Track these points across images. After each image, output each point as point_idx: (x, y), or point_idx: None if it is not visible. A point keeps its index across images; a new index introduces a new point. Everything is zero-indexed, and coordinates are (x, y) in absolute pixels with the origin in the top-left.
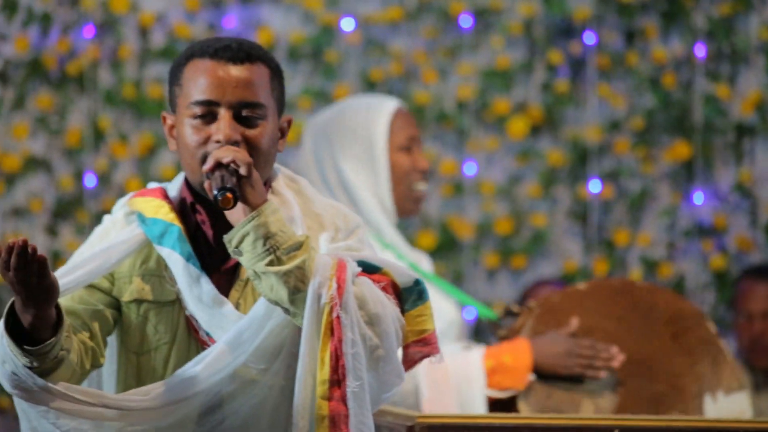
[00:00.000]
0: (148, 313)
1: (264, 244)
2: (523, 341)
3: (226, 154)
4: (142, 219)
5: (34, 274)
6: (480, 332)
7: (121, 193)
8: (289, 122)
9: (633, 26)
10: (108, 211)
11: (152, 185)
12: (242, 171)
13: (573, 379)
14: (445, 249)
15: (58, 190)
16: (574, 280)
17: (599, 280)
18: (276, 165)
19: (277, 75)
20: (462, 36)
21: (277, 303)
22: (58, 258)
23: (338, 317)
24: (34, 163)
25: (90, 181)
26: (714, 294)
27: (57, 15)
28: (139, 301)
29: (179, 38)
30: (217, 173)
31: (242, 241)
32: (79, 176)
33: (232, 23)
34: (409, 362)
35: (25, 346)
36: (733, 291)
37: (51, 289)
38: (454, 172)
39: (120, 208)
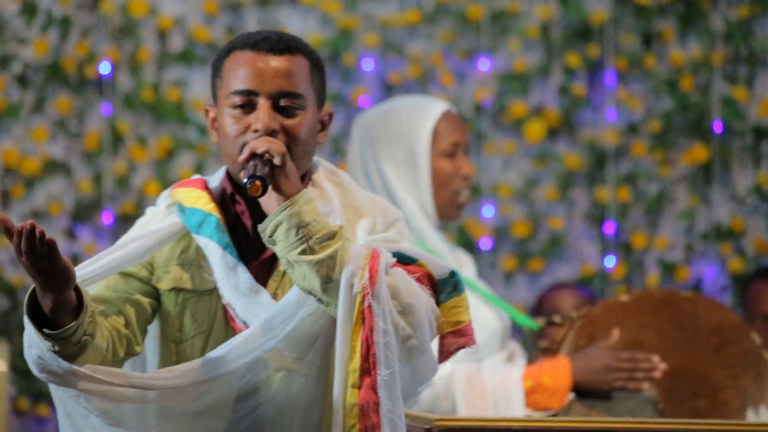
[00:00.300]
0: (186, 301)
1: (297, 233)
2: (562, 360)
3: (261, 145)
4: (181, 209)
5: (44, 257)
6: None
7: (140, 197)
8: (330, 115)
9: (650, 29)
10: (126, 215)
11: (194, 176)
12: (276, 161)
13: (615, 395)
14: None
15: (77, 193)
16: (591, 283)
17: (642, 291)
18: (316, 158)
19: (317, 67)
20: (479, 39)
21: (309, 292)
22: (77, 260)
23: (369, 306)
24: (53, 167)
25: (108, 184)
26: (732, 297)
27: (76, 19)
28: (177, 290)
29: (198, 42)
30: (251, 163)
31: (276, 230)
32: (97, 179)
33: (250, 26)
34: (445, 353)
35: (46, 330)
36: (744, 293)
37: (64, 273)
38: (472, 174)
39: (163, 199)
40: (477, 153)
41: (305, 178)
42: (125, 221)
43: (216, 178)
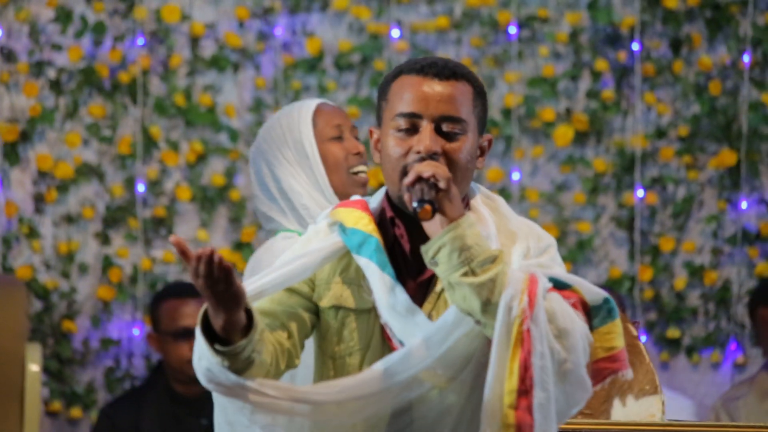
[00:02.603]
0: (345, 319)
1: (459, 256)
2: None
3: (427, 169)
4: (342, 228)
5: (221, 281)
6: None
7: (172, 201)
8: (490, 141)
9: (679, 34)
10: (159, 218)
11: (355, 197)
12: (441, 185)
13: None
14: None
15: (110, 198)
16: (618, 287)
17: None
18: (474, 183)
19: (480, 95)
20: (509, 45)
21: (468, 313)
22: (110, 264)
23: (528, 330)
24: (87, 171)
25: (141, 188)
26: (748, 303)
27: (110, 25)
28: (337, 308)
29: (229, 47)
30: (417, 186)
31: (439, 251)
32: (130, 184)
33: (280, 32)
34: (597, 378)
35: (217, 346)
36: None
37: (237, 296)
38: (500, 179)
39: (323, 218)
40: (506, 157)
41: (464, 202)
42: (157, 225)
43: (376, 199)
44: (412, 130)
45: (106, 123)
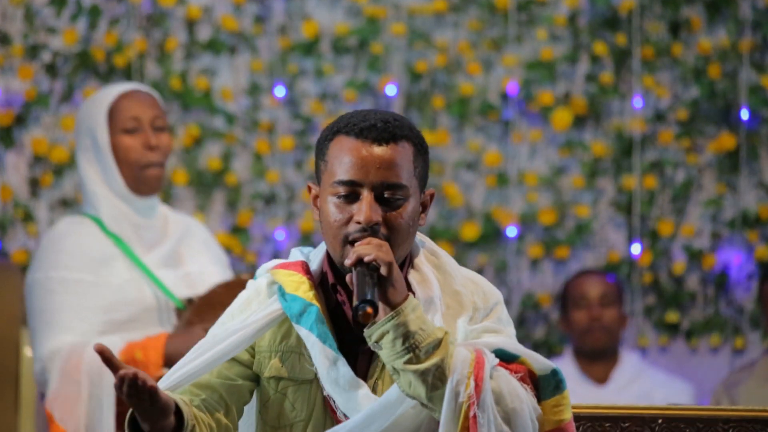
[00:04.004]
0: (286, 389)
1: (403, 343)
2: (161, 337)
3: (368, 252)
4: (282, 293)
5: (145, 400)
6: None
7: (168, 185)
8: (432, 196)
9: (678, 17)
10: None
11: (294, 253)
12: (382, 271)
13: None
14: (489, 240)
15: None
16: (617, 270)
17: None
18: (419, 238)
19: (421, 152)
20: (507, 28)
21: (414, 398)
22: None
23: (475, 416)
24: None
25: None
26: (758, 284)
27: (105, 8)
28: (278, 378)
29: (225, 31)
30: (359, 269)
31: (382, 337)
32: None
33: (277, 17)
34: None
35: None
36: (762, 290)
37: (163, 410)
38: (498, 163)
39: (263, 275)
40: (504, 141)
41: (407, 261)
42: None
43: (316, 260)
44: (352, 197)
45: None
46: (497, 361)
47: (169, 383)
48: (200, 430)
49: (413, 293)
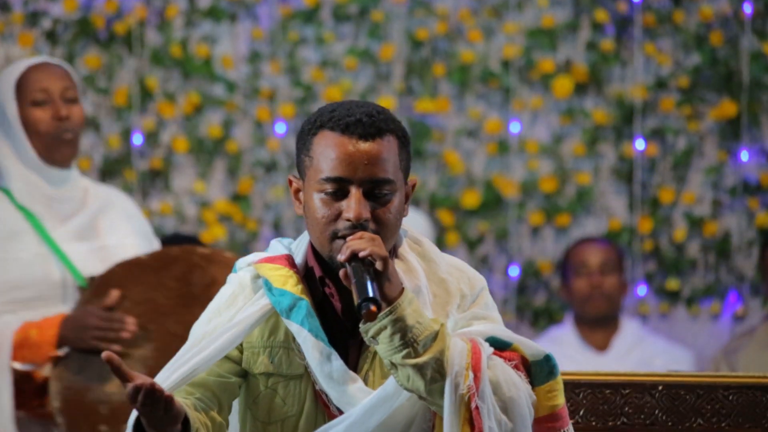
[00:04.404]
0: (276, 385)
1: (401, 338)
2: (57, 316)
3: (362, 247)
4: (268, 287)
5: (160, 409)
6: None
7: (168, 152)
8: (414, 185)
9: None
10: (155, 170)
11: (276, 246)
12: (378, 266)
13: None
14: (490, 207)
15: (106, 149)
16: (618, 238)
17: (162, 249)
18: (403, 228)
19: (405, 144)
20: None
21: (413, 392)
22: None
23: (477, 407)
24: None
25: (137, 139)
26: (759, 251)
27: None
28: (267, 374)
29: None
30: (355, 264)
31: (379, 333)
32: (126, 135)
33: None
34: None
35: None
36: (764, 256)
37: (176, 417)
38: (499, 130)
39: (246, 269)
40: (505, 109)
41: (391, 251)
42: (154, 177)
43: (300, 252)
44: (340, 193)
45: (102, 74)
46: (492, 349)
47: (169, 385)
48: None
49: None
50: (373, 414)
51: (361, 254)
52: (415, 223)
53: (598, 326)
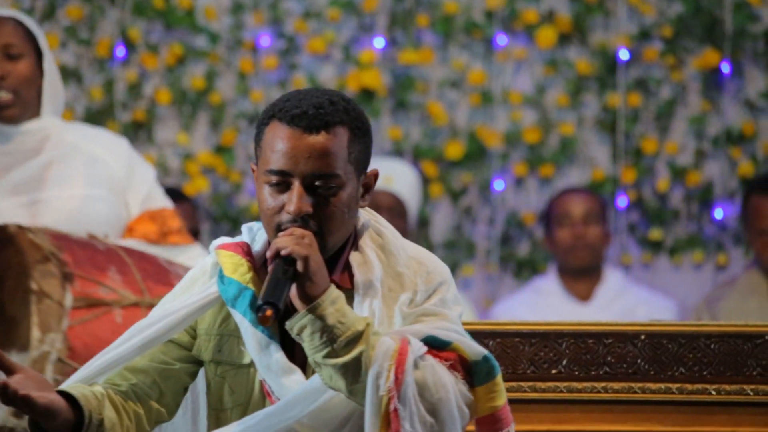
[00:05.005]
0: (225, 373)
1: (321, 337)
2: None
3: (285, 245)
4: (220, 275)
5: (21, 407)
6: None
7: (151, 104)
8: (376, 176)
9: None
10: (138, 122)
11: (244, 231)
12: (298, 266)
13: None
14: (474, 158)
15: (89, 101)
16: (601, 188)
17: None
18: (368, 218)
19: (359, 135)
20: None
21: (336, 390)
22: None
23: (396, 409)
24: (65, 74)
25: (120, 91)
26: (742, 200)
27: None
28: (216, 362)
29: None
30: (277, 261)
31: (302, 330)
32: (109, 87)
33: None
34: None
35: None
36: (744, 206)
37: (48, 411)
38: (483, 81)
39: (210, 254)
40: (488, 59)
41: (349, 242)
42: (137, 129)
43: (261, 240)
44: (284, 186)
45: (84, 25)
46: (424, 349)
47: (96, 368)
48: (120, 420)
49: (352, 275)
50: (295, 406)
51: (282, 252)
52: (404, 178)
53: (581, 276)
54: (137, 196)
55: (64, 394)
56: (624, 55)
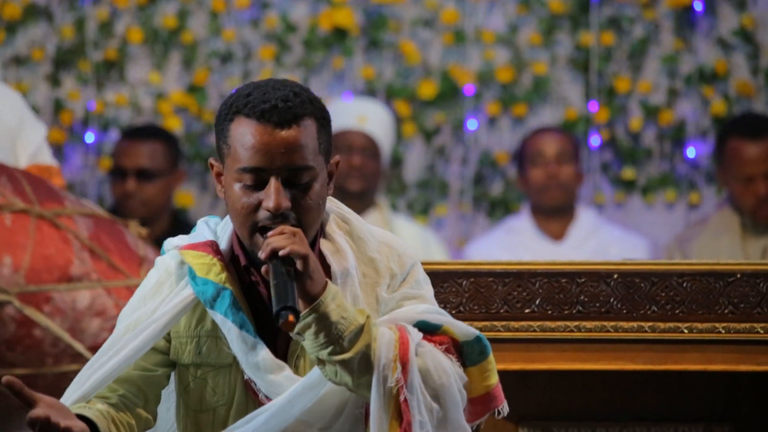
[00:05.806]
0: (206, 375)
1: (326, 335)
2: None
3: (282, 245)
4: (192, 276)
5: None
6: None
7: (123, 43)
8: (337, 163)
9: None
10: (110, 61)
11: (202, 229)
12: (298, 266)
13: None
14: (447, 98)
15: (60, 39)
16: (574, 127)
17: None
18: (329, 204)
19: (324, 125)
20: None
21: (341, 386)
22: (61, 107)
23: (406, 400)
24: (35, 12)
25: (91, 30)
26: (715, 139)
27: None
28: (196, 364)
29: None
30: (275, 262)
31: (304, 330)
32: (80, 25)
33: None
34: (474, 418)
35: None
36: (720, 149)
37: None
38: (455, 20)
39: (171, 253)
40: None
41: (318, 231)
42: (108, 68)
43: (225, 237)
44: (259, 183)
45: None
46: (421, 335)
47: (90, 385)
48: None
49: (328, 265)
50: (297, 402)
51: (281, 253)
52: (377, 117)
53: (554, 216)
54: (26, 148)
55: (82, 418)
56: None
